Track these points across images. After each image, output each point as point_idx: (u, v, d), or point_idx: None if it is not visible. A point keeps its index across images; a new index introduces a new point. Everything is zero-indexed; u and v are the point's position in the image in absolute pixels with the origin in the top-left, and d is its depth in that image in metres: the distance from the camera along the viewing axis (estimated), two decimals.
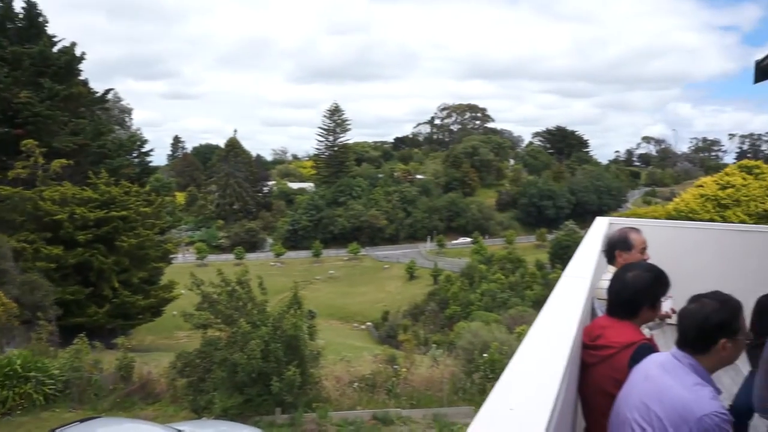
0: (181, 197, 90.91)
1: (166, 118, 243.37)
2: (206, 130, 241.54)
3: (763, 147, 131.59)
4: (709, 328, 2.40)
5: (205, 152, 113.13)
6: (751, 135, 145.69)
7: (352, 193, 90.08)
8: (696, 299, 2.51)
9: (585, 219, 72.16)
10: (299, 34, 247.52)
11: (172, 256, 35.69)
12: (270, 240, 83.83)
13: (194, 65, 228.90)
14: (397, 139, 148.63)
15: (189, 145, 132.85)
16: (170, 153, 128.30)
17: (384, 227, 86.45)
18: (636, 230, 4.24)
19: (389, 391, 20.00)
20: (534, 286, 52.39)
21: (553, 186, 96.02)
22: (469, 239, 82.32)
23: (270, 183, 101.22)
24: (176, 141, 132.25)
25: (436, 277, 63.64)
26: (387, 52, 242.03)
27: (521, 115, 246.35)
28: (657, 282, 2.99)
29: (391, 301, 59.78)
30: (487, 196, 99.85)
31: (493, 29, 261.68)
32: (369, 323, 55.56)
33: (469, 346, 23.99)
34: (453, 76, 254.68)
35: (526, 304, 44.25)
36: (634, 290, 2.97)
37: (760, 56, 6.18)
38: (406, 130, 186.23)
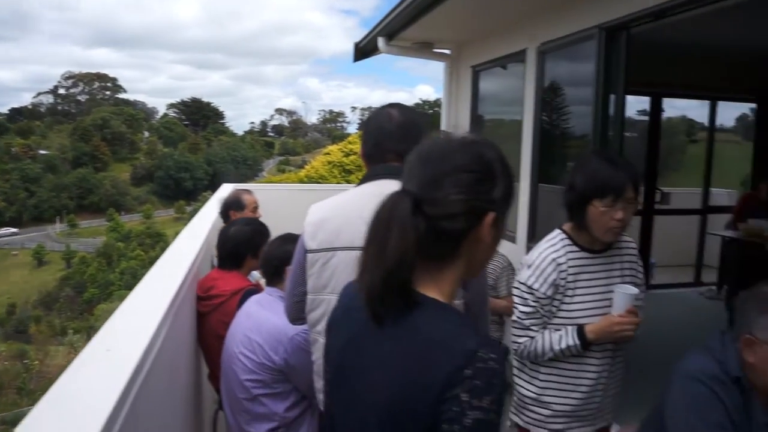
0: None
1: None
2: None
3: None
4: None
5: None
6: (369, 108, 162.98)
7: None
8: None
9: None
10: None
11: None
12: None
13: None
14: (14, 110, 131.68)
15: None
16: None
17: (2, 210, 76.77)
18: (248, 192, 4.62)
19: (20, 389, 18.24)
20: None
21: (190, 158, 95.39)
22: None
23: None
24: None
25: (69, 261, 58.94)
26: None
27: (155, 86, 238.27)
28: (257, 234, 3.37)
29: (17, 292, 53.82)
30: (122, 171, 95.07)
31: None
32: None
33: None
34: (79, 42, 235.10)
35: None
36: (236, 242, 3.33)
37: None
38: (25, 100, 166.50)
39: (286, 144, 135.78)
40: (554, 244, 2.45)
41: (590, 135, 4.35)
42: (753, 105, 8.68)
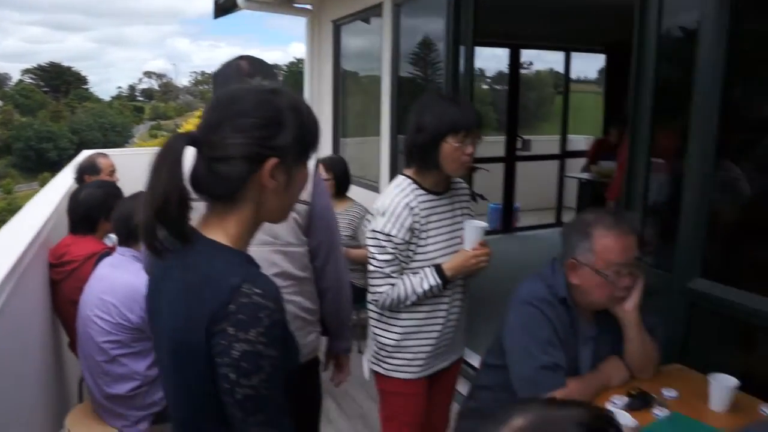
0: None
1: None
2: None
3: None
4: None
5: None
6: None
7: None
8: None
9: None
10: None
11: None
12: None
13: None
14: None
15: None
16: None
17: None
18: (104, 155, 4.46)
19: None
20: None
21: (52, 127, 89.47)
22: None
23: None
24: None
25: None
26: None
27: (5, 50, 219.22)
28: (110, 196, 3.28)
29: None
30: None
31: None
32: None
33: None
34: None
35: None
36: (88, 206, 3.24)
37: None
38: None
39: (157, 108, 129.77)
40: (403, 189, 2.48)
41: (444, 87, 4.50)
42: (603, 56, 9.22)
